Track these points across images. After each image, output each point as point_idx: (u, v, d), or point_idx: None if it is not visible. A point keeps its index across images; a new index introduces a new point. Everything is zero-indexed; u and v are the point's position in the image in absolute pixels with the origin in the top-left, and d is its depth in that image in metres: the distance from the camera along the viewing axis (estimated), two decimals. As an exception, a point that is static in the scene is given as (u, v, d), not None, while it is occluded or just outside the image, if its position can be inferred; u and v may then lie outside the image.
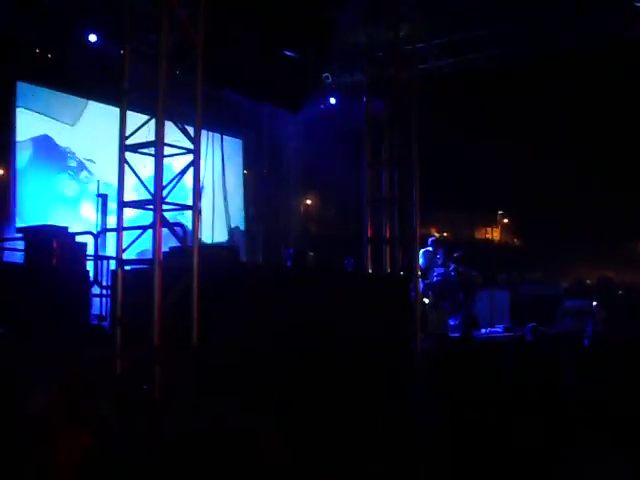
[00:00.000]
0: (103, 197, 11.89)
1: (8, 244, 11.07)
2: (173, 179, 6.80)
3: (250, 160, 18.02)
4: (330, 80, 16.94)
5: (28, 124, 13.40)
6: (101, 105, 14.16)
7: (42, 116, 13.58)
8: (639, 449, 4.63)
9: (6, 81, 13.07)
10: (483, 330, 13.27)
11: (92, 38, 13.39)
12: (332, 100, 17.53)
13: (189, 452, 1.86)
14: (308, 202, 19.93)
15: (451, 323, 12.98)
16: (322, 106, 17.51)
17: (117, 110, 7.18)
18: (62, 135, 13.94)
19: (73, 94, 14.18)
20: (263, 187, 17.89)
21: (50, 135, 13.74)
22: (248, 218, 17.25)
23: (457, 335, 11.55)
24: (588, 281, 18.87)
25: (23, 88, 13.39)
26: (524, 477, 4.67)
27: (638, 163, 17.58)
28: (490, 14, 13.31)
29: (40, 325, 7.48)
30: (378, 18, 10.52)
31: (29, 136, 13.39)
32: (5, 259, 10.58)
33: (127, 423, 5.44)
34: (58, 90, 13.98)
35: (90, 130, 14.07)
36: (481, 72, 15.96)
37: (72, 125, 14.11)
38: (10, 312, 7.56)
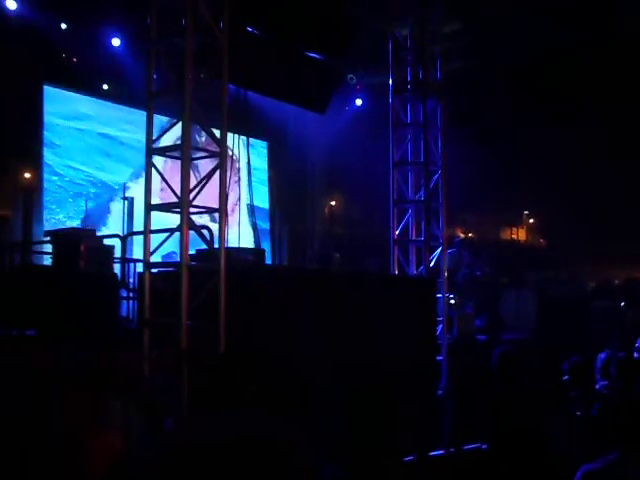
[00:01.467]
0: (129, 200, 11.96)
1: (37, 247, 11.18)
2: (200, 181, 6.80)
3: (275, 161, 18.05)
4: (355, 81, 16.92)
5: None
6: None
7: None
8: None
9: (33, 85, 13.22)
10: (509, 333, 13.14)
11: (115, 42, 13.53)
12: (358, 101, 17.51)
13: (214, 457, 1.83)
14: (333, 203, 19.92)
15: (477, 324, 12.89)
16: (347, 107, 17.51)
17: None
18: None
19: (98, 98, 14.32)
20: (288, 188, 17.91)
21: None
22: (274, 220, 17.26)
23: (483, 338, 11.47)
24: (616, 281, 18.67)
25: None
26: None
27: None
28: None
29: (68, 327, 7.53)
30: (404, 18, 10.46)
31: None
32: (34, 262, 10.67)
33: (154, 426, 5.45)
34: (84, 94, 14.12)
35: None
36: (504, 72, 15.89)
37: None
38: (39, 314, 7.61)
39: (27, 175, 13.67)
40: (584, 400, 5.88)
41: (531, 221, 27.51)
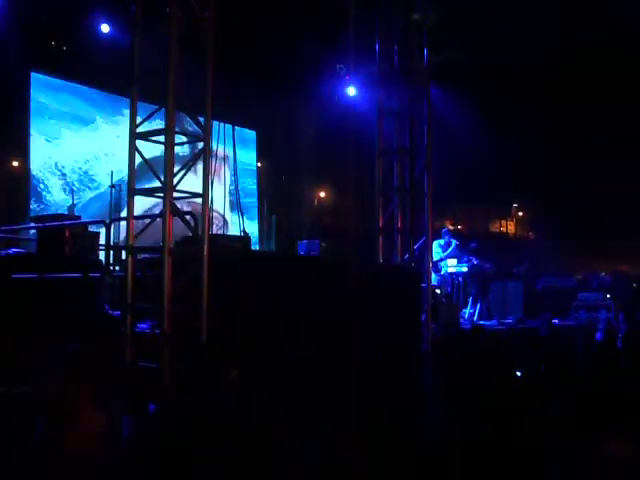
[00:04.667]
0: (117, 186, 11.93)
1: (23, 234, 11.16)
2: (183, 167, 6.80)
3: (264, 151, 18.03)
4: (344, 71, 16.85)
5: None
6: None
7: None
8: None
9: (21, 73, 13.13)
10: (494, 321, 13.19)
11: (104, 29, 13.34)
12: (351, 91, 17.39)
13: (193, 439, 1.85)
14: (322, 194, 19.89)
15: (463, 314, 12.95)
16: (337, 97, 17.44)
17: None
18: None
19: (87, 85, 14.26)
20: (277, 178, 17.90)
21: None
22: (262, 210, 17.26)
23: (468, 327, 11.51)
24: (602, 274, 18.75)
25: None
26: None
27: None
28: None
29: (54, 314, 7.52)
30: (392, 6, 10.44)
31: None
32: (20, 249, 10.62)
33: (137, 409, 5.48)
34: (72, 81, 14.05)
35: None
36: (498, 64, 15.87)
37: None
38: (23, 302, 7.58)
39: (15, 163, 13.67)
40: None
41: (520, 214, 27.63)
